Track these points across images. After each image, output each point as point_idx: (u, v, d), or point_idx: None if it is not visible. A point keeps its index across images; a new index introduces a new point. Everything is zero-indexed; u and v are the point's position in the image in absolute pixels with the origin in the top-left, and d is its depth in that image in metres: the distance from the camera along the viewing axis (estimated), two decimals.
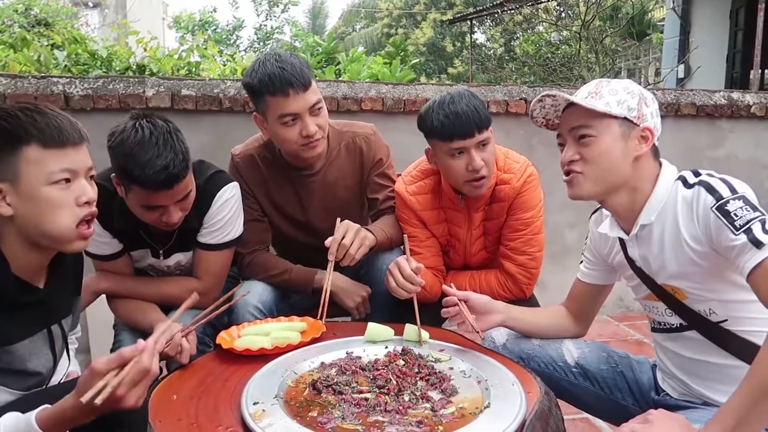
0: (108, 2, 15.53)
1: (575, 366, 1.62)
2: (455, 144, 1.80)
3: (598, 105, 1.36)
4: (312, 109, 1.84)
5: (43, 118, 1.22)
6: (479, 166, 1.80)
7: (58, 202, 1.22)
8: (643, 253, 1.44)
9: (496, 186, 1.94)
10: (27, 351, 1.29)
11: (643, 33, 13.10)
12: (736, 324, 1.35)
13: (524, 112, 3.40)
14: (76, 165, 1.25)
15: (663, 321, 1.48)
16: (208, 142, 2.90)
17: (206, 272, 1.86)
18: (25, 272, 1.27)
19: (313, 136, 1.86)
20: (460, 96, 1.82)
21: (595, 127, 1.37)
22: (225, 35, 22.73)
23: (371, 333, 1.62)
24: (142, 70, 3.97)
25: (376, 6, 21.86)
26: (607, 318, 3.60)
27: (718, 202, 1.27)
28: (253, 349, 1.53)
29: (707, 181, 1.32)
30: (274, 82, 1.79)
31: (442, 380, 1.38)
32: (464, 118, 1.77)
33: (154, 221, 1.71)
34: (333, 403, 1.28)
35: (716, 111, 3.68)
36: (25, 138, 1.19)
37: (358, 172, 2.08)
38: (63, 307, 1.41)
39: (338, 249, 1.75)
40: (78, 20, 8.41)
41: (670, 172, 1.41)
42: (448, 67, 17.65)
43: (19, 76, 2.87)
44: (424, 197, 1.99)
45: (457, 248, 2.06)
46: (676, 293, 1.40)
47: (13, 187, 1.20)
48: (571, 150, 1.40)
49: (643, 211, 1.40)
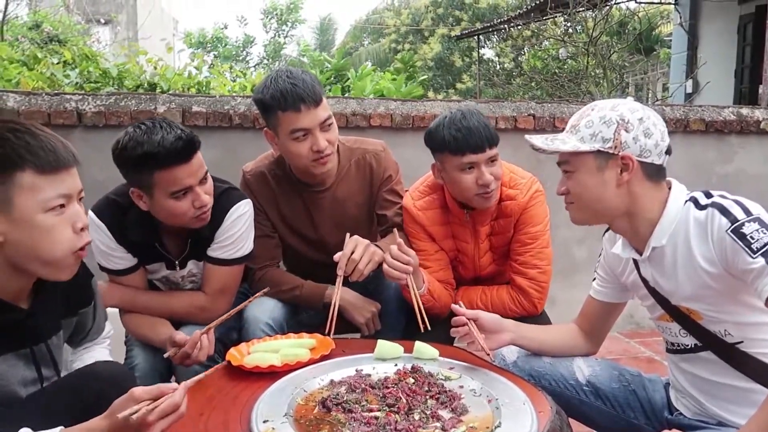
0: (119, 19, 15.76)
1: (586, 384, 1.60)
2: (466, 158, 1.82)
3: (567, 145, 1.39)
4: (323, 124, 1.86)
5: (36, 141, 1.16)
6: (489, 181, 1.83)
7: (53, 229, 1.18)
8: (657, 274, 1.43)
9: (502, 202, 1.96)
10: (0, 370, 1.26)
11: (651, 48, 13.13)
12: (752, 346, 1.34)
13: (532, 128, 3.40)
14: (71, 189, 1.21)
15: (677, 342, 1.47)
16: (219, 157, 2.92)
17: (214, 287, 1.87)
18: (5, 292, 1.23)
19: (323, 152, 1.87)
20: (471, 113, 1.86)
21: (572, 163, 1.42)
22: (235, 51, 22.97)
23: (381, 350, 1.61)
24: (153, 87, 4.01)
25: (384, 22, 22.04)
26: (618, 335, 3.57)
27: (734, 224, 1.25)
28: (262, 366, 1.53)
29: (720, 203, 1.30)
30: (286, 97, 1.81)
31: (453, 399, 1.37)
32: (476, 134, 1.81)
33: (186, 214, 1.72)
34: (343, 421, 1.27)
35: (725, 127, 3.67)
36: (19, 163, 1.14)
37: (368, 189, 2.09)
38: (49, 326, 1.37)
39: (347, 264, 1.76)
40: (89, 37, 8.52)
41: (679, 193, 1.40)
42: (456, 83, 17.72)
43: (32, 93, 2.91)
44: (433, 212, 2.01)
45: (465, 263, 2.06)
46: (692, 314, 1.39)
47: (4, 214, 1.15)
48: (561, 181, 1.47)
49: (654, 234, 1.39)
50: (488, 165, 1.84)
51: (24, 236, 1.16)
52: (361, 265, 1.76)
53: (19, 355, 1.29)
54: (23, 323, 1.28)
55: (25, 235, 1.16)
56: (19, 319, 1.27)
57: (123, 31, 15.83)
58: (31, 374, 1.33)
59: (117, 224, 1.78)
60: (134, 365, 1.78)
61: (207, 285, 1.88)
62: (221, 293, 1.88)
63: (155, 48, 5.21)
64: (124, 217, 1.78)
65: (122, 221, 1.78)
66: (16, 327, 1.27)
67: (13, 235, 1.16)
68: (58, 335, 1.40)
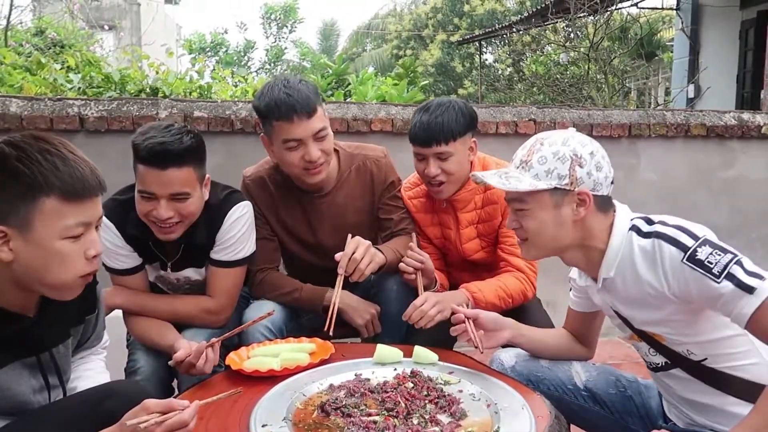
0: (123, 25, 15.81)
1: (584, 389, 1.61)
2: (416, 149, 1.98)
3: (523, 183, 1.35)
4: (316, 135, 1.87)
5: (66, 168, 1.14)
6: (432, 174, 1.95)
7: (67, 256, 1.17)
8: (614, 301, 1.44)
9: (489, 190, 2.03)
10: (5, 379, 1.25)
11: (653, 53, 13.13)
12: (716, 361, 1.34)
13: (533, 132, 3.39)
14: (92, 217, 1.20)
15: (649, 361, 1.48)
16: (220, 162, 2.93)
17: (219, 290, 1.88)
18: (10, 304, 1.23)
19: (315, 162, 1.89)
20: (439, 106, 1.96)
21: (526, 201, 1.38)
22: (236, 56, 23.05)
23: (380, 354, 1.61)
24: (156, 92, 4.03)
25: (386, 27, 22.10)
26: (619, 340, 3.55)
27: (686, 252, 1.25)
28: (262, 371, 1.54)
29: (664, 232, 1.30)
30: (280, 107, 1.82)
31: (452, 403, 1.37)
32: (426, 129, 1.92)
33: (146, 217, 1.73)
34: (341, 425, 1.28)
35: (727, 131, 3.67)
36: (46, 188, 1.12)
37: (369, 195, 2.10)
38: (55, 335, 1.36)
39: (348, 263, 1.77)
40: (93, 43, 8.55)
41: (622, 221, 1.39)
42: (458, 88, 17.75)
43: (35, 99, 2.93)
44: (419, 201, 2.14)
45: (451, 249, 2.16)
46: (655, 336, 1.41)
47: (21, 234, 1.13)
48: (512, 218, 1.44)
49: (603, 266, 1.39)
50: (437, 160, 1.94)
51: (36, 258, 1.15)
52: (362, 265, 1.78)
53: (25, 364, 1.29)
54: (29, 332, 1.28)
55: (37, 258, 1.15)
56: (24, 328, 1.26)
57: (126, 37, 15.87)
58: (38, 383, 1.33)
59: (123, 223, 1.80)
60: (136, 369, 1.78)
61: (211, 288, 1.89)
62: (226, 295, 1.89)
63: (158, 54, 5.23)
64: (127, 215, 1.80)
65: (125, 218, 1.80)
66: (22, 336, 1.27)
67: (25, 255, 1.15)
68: (66, 344, 1.39)
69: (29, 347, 1.30)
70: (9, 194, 1.12)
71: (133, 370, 1.79)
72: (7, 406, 1.28)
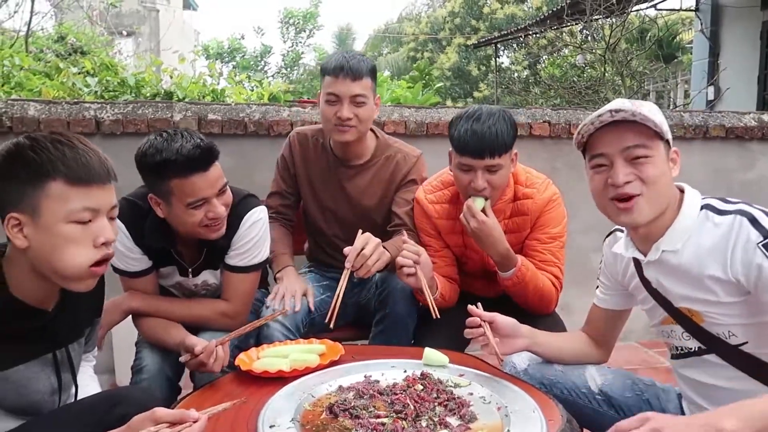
0: (142, 31, 16.03)
1: (599, 393, 1.57)
2: (464, 160, 1.84)
3: (657, 119, 1.28)
4: (354, 98, 2.04)
5: (72, 154, 1.19)
6: (480, 188, 1.84)
7: (74, 240, 1.19)
8: (661, 276, 1.40)
9: (518, 200, 1.97)
10: (23, 376, 1.27)
11: (672, 55, 12.98)
12: (757, 346, 1.30)
13: (548, 134, 3.38)
14: (99, 204, 1.22)
15: (681, 345, 1.44)
16: (234, 165, 2.94)
17: (235, 295, 1.89)
18: (31, 297, 1.25)
19: (343, 120, 2.03)
20: (490, 115, 1.82)
21: (651, 147, 1.30)
22: (253, 61, 23.21)
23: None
24: (170, 96, 4.07)
25: (402, 31, 22.13)
26: (636, 345, 3.51)
27: (765, 239, 1.20)
28: (271, 371, 1.53)
29: (750, 211, 1.25)
30: (333, 64, 2.05)
31: (461, 406, 1.35)
32: (480, 139, 1.79)
33: (200, 224, 1.73)
34: (349, 427, 1.26)
35: (746, 133, 3.60)
36: (52, 173, 1.17)
37: (388, 184, 2.18)
38: (71, 331, 1.39)
39: (357, 259, 1.77)
40: (112, 48, 8.67)
41: (694, 198, 1.36)
42: (474, 91, 17.71)
43: (52, 102, 2.97)
44: (442, 206, 2.04)
45: (473, 258, 2.08)
46: (693, 316, 1.36)
47: (32, 219, 1.17)
48: (627, 170, 1.30)
49: (666, 236, 1.36)
50: (486, 172, 1.83)
51: (45, 243, 1.18)
52: (370, 261, 1.79)
53: (41, 361, 1.31)
54: (46, 327, 1.29)
55: (46, 242, 1.18)
56: (42, 323, 1.28)
57: (145, 43, 16.09)
58: (52, 381, 1.34)
59: (135, 226, 1.80)
60: (142, 367, 1.79)
61: (227, 292, 1.89)
62: (240, 300, 1.89)
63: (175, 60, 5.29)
64: (143, 221, 1.80)
65: (141, 224, 1.80)
66: (41, 331, 1.29)
67: (36, 241, 1.18)
68: (80, 342, 1.42)
69: (46, 343, 1.32)
70: (20, 181, 1.17)
71: (139, 368, 1.80)
72: (20, 405, 1.29)
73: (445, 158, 1.97)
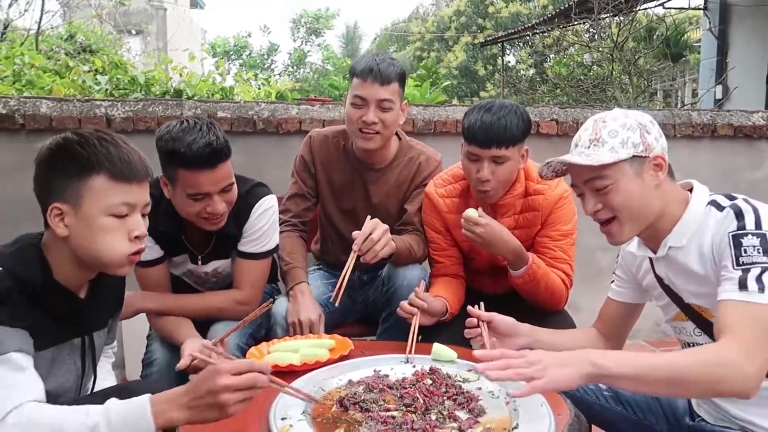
0: (149, 29, 16.09)
1: (607, 389, 1.58)
2: (471, 148, 1.86)
3: (604, 156, 1.34)
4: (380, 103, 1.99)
5: (116, 151, 1.27)
6: (484, 178, 1.85)
7: (110, 233, 1.26)
8: (671, 273, 1.42)
9: (529, 196, 1.97)
10: (56, 357, 1.32)
11: (680, 54, 12.92)
12: None
13: (555, 133, 3.38)
14: (136, 200, 1.30)
15: (692, 342, 1.45)
16: (243, 162, 2.96)
17: (247, 281, 1.92)
18: (68, 282, 1.31)
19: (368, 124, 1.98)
20: (501, 107, 1.85)
21: (608, 176, 1.35)
22: (260, 59, 23.26)
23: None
24: (180, 94, 4.09)
25: (409, 30, 22.12)
26: (644, 343, 3.51)
27: (737, 231, 1.25)
28: (281, 365, 1.55)
29: (739, 206, 1.29)
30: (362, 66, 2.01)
31: (470, 400, 1.36)
32: (488, 129, 1.81)
33: (198, 215, 1.76)
34: (360, 420, 1.28)
35: (755, 132, 3.59)
36: (97, 167, 1.24)
37: (406, 186, 2.17)
38: (99, 319, 1.45)
39: (365, 243, 1.79)
40: (120, 47, 8.72)
41: (702, 194, 1.39)
42: (480, 90, 17.68)
43: (64, 100, 2.99)
44: (452, 200, 2.04)
45: (481, 254, 2.06)
46: (704, 312, 1.38)
47: (73, 209, 1.24)
48: (593, 201, 1.39)
49: (673, 233, 1.38)
50: (491, 163, 1.84)
51: (84, 233, 1.25)
52: (378, 246, 1.81)
53: (70, 345, 1.36)
54: (80, 312, 1.35)
55: (85, 233, 1.25)
56: (77, 308, 1.34)
57: (153, 42, 16.15)
58: (77, 366, 1.39)
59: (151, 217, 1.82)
60: (153, 360, 1.82)
61: (239, 279, 1.92)
62: (254, 286, 1.93)
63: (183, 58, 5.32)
64: (156, 206, 1.81)
65: (154, 208, 1.81)
66: (75, 316, 1.34)
67: (76, 230, 1.25)
68: (104, 331, 1.47)
69: (78, 327, 1.38)
70: (67, 173, 1.25)
71: (149, 361, 1.83)
72: (46, 387, 1.31)
73: (453, 156, 1.99)
